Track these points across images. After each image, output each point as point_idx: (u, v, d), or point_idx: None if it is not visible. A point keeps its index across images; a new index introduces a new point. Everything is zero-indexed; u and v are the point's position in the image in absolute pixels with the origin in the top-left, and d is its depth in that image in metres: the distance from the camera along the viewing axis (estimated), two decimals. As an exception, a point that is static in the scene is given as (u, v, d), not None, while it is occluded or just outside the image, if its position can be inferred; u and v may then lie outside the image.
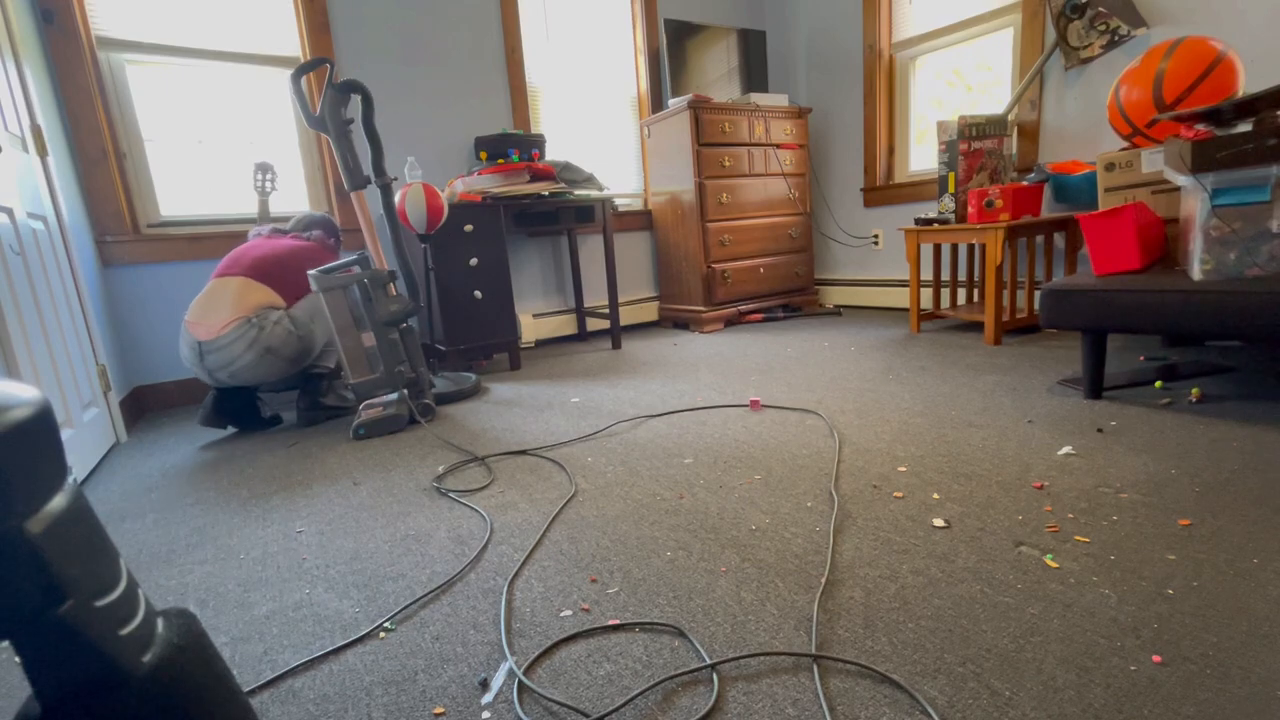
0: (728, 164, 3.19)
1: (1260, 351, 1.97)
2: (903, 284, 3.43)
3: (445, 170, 3.02)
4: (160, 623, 0.48)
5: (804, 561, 0.98)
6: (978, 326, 2.78)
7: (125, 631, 0.44)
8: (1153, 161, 1.86)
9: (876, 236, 3.53)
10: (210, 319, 1.88)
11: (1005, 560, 0.94)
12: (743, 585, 0.93)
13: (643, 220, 3.59)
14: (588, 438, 1.69)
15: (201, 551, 1.21)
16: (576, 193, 2.81)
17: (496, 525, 1.20)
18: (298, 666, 0.83)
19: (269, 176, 2.42)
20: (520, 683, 0.76)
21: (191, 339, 1.89)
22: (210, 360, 1.89)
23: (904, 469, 1.31)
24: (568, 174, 2.84)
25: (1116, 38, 2.42)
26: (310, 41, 2.65)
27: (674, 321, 3.60)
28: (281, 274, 2.01)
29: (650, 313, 3.66)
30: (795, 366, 2.31)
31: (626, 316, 3.57)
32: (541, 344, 3.36)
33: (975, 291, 2.91)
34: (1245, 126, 1.46)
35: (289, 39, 2.67)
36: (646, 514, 1.20)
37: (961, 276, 3.06)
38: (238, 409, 2.05)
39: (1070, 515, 1.06)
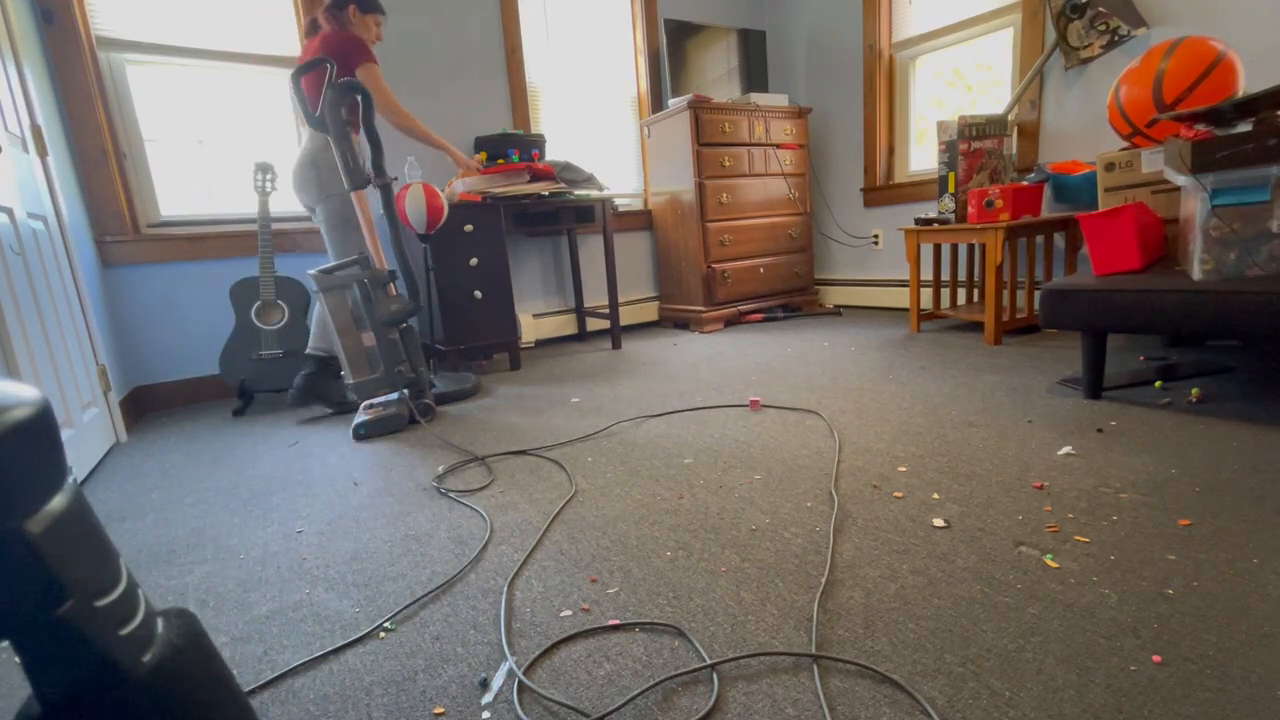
0: (728, 164, 3.19)
1: (1260, 351, 1.97)
2: (903, 284, 3.43)
3: (445, 170, 3.02)
4: (160, 623, 0.48)
5: (804, 561, 0.98)
6: (978, 326, 2.78)
7: (125, 631, 0.44)
8: (1153, 161, 1.86)
9: (876, 236, 3.53)
10: None
11: (1005, 560, 0.94)
12: (743, 585, 0.93)
13: (643, 220, 3.59)
14: (588, 438, 1.69)
15: (201, 551, 1.21)
16: (576, 193, 2.81)
17: (496, 525, 1.20)
18: (298, 666, 0.83)
19: (269, 176, 2.42)
20: (520, 683, 0.76)
21: None
22: None
23: (904, 469, 1.31)
24: (568, 174, 2.84)
25: (1116, 38, 2.42)
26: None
27: (674, 321, 3.60)
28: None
29: (650, 313, 3.66)
30: (795, 366, 2.31)
31: (626, 316, 3.57)
32: (541, 344, 3.36)
33: (975, 291, 2.91)
34: (1245, 126, 1.46)
35: (289, 39, 2.67)
36: (646, 514, 1.20)
37: (961, 276, 3.06)
38: (325, 390, 2.22)
39: (1070, 515, 1.06)
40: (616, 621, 0.87)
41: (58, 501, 0.42)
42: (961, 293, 3.07)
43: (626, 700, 0.71)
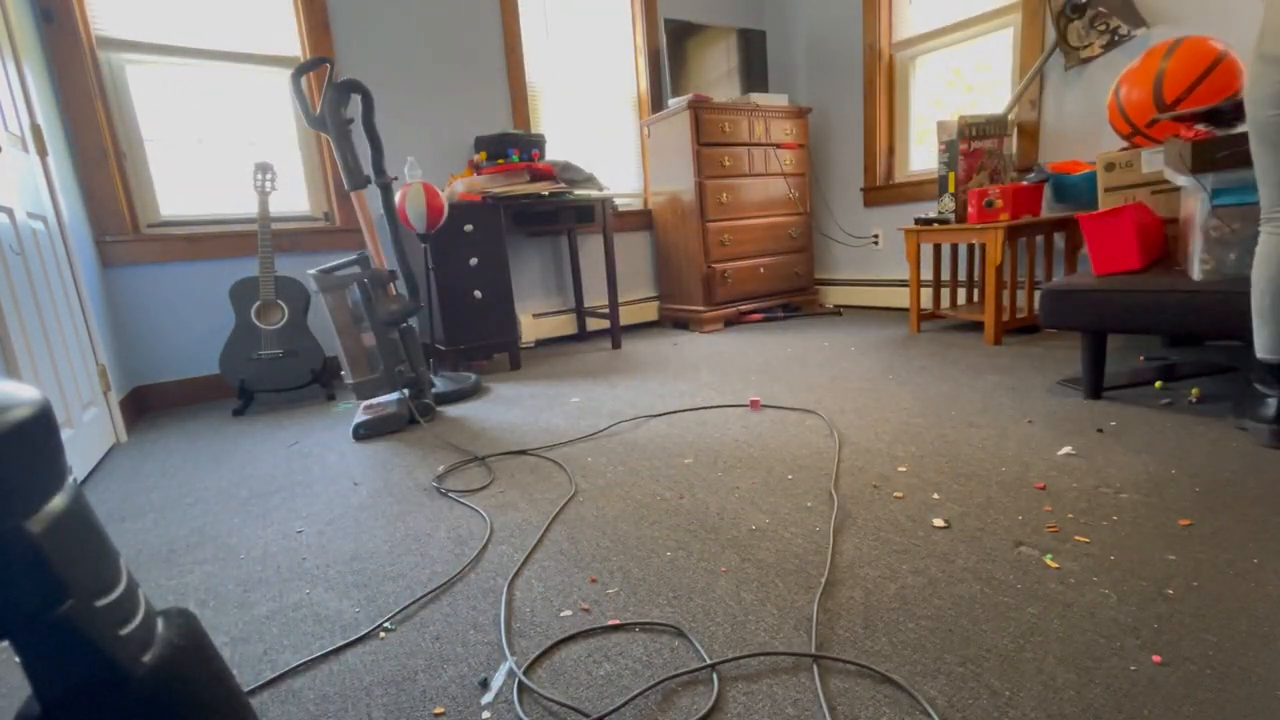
0: (728, 164, 3.19)
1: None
2: (903, 284, 3.43)
3: (445, 170, 3.02)
4: (160, 623, 0.48)
5: (804, 561, 0.98)
6: (978, 326, 2.78)
7: (125, 631, 0.44)
8: (1153, 161, 1.86)
9: (876, 236, 3.53)
10: None
11: (1005, 560, 0.94)
12: (743, 585, 0.93)
13: (643, 220, 3.59)
14: (588, 438, 1.69)
15: (201, 551, 1.21)
16: (576, 193, 2.81)
17: (496, 525, 1.20)
18: (298, 666, 0.83)
19: (269, 176, 2.42)
20: (520, 683, 0.76)
21: None
22: None
23: (904, 469, 1.31)
24: (568, 174, 2.84)
25: (1116, 38, 2.42)
26: (310, 41, 2.65)
27: (674, 321, 3.60)
28: None
29: (650, 313, 3.66)
30: (795, 366, 2.31)
31: (626, 316, 3.57)
32: (541, 344, 3.36)
33: (975, 291, 2.91)
34: (1245, 126, 1.46)
35: (289, 39, 2.66)
36: (646, 514, 1.20)
37: (961, 276, 3.06)
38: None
39: (1070, 515, 1.06)
40: (616, 621, 0.87)
41: (58, 501, 0.42)
42: (961, 293, 3.06)
43: (626, 700, 0.71)
